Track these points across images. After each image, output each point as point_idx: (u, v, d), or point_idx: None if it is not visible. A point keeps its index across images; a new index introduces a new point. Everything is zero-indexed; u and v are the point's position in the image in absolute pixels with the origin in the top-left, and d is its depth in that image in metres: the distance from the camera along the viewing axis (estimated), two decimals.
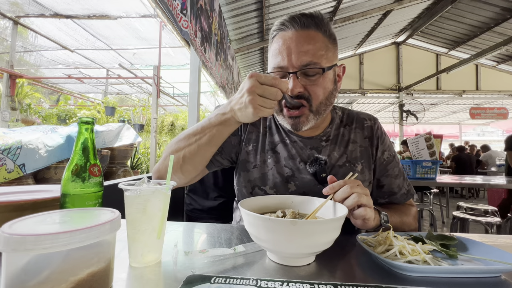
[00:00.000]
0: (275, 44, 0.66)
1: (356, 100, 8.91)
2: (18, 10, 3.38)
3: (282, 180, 0.71)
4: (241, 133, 0.79)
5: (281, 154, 0.74)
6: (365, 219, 0.54)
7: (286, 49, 0.63)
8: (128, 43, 4.40)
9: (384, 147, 0.78)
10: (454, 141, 13.54)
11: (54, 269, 0.28)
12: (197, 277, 0.39)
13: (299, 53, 0.62)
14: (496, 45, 4.65)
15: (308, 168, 0.69)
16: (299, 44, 0.62)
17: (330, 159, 0.72)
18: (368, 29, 6.38)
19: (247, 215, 0.45)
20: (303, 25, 0.63)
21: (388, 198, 0.78)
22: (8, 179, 1.34)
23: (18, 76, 3.38)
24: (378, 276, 0.42)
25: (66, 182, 0.46)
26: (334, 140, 0.76)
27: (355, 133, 0.77)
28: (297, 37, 0.63)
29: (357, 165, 0.73)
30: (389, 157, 0.77)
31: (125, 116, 4.44)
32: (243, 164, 0.76)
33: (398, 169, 0.78)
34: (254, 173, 0.74)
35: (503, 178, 2.77)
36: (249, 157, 0.76)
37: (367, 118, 0.81)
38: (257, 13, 4.27)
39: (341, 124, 0.79)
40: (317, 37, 0.63)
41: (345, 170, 0.71)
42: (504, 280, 0.41)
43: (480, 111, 7.59)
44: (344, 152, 0.74)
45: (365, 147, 0.76)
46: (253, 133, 0.79)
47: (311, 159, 0.69)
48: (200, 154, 0.65)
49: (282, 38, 0.65)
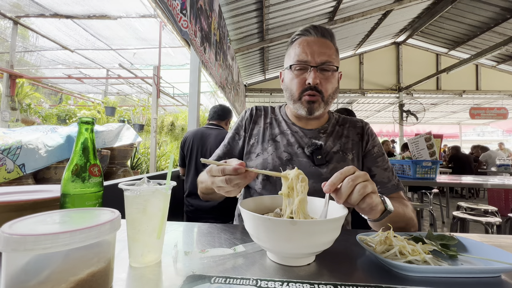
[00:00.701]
0: (299, 44, 0.81)
1: (356, 100, 8.90)
2: (18, 10, 3.38)
3: (281, 163, 0.82)
4: (245, 132, 0.92)
5: (281, 143, 0.87)
6: (372, 207, 0.52)
7: (309, 49, 0.79)
8: (128, 43, 4.41)
9: (374, 143, 0.90)
10: (454, 141, 13.56)
11: (54, 269, 0.28)
12: (197, 277, 0.39)
13: (320, 53, 0.78)
14: (496, 45, 4.64)
15: (306, 150, 0.83)
16: (320, 47, 0.79)
17: (326, 146, 0.85)
18: (368, 29, 6.38)
19: (247, 215, 0.45)
20: (322, 34, 0.81)
21: (379, 188, 0.82)
22: (8, 179, 1.34)
23: (18, 76, 3.38)
24: (378, 276, 0.42)
25: (66, 182, 0.46)
26: (330, 133, 0.89)
27: (348, 130, 0.91)
28: (318, 42, 0.80)
29: (348, 154, 0.86)
30: (378, 152, 0.88)
31: (125, 116, 4.44)
32: (247, 156, 0.88)
33: (387, 164, 0.87)
34: (256, 160, 0.85)
35: (503, 178, 2.77)
36: (252, 149, 0.88)
37: (359, 121, 0.95)
38: (257, 13, 4.27)
39: (337, 124, 0.93)
40: (331, 46, 0.81)
41: (338, 157, 0.84)
42: (504, 280, 0.41)
43: (480, 111, 7.57)
44: (339, 143, 0.87)
45: (356, 141, 0.89)
46: (255, 129, 0.92)
47: (308, 144, 0.84)
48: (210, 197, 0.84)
49: (306, 41, 0.81)
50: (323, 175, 0.81)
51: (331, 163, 0.82)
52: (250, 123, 0.93)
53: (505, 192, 4.15)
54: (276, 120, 0.93)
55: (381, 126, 13.18)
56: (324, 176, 0.81)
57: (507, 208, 4.00)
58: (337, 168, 0.82)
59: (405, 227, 0.68)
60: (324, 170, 0.81)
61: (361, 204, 0.50)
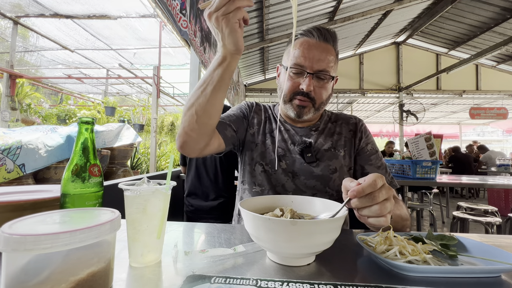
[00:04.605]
0: (300, 45, 0.79)
1: (356, 100, 8.89)
2: (19, 10, 3.38)
3: (277, 158, 0.83)
4: (248, 118, 0.92)
5: (276, 138, 0.87)
6: (378, 227, 0.49)
7: (309, 53, 0.77)
8: (128, 43, 4.40)
9: (368, 140, 0.90)
10: (453, 141, 13.55)
11: (54, 269, 0.28)
12: (197, 277, 0.39)
13: (318, 60, 0.77)
14: (496, 45, 4.64)
15: (296, 148, 0.84)
16: (320, 53, 0.77)
17: (317, 144, 0.86)
18: (368, 29, 6.38)
19: (247, 215, 0.45)
20: (325, 39, 0.78)
21: None
22: (8, 179, 1.34)
23: (18, 76, 3.38)
24: (378, 276, 0.42)
25: (66, 182, 0.46)
26: (322, 131, 0.90)
27: (341, 127, 0.92)
28: (320, 47, 0.78)
29: (340, 151, 0.86)
30: (372, 150, 0.88)
31: (125, 116, 4.44)
32: (248, 145, 0.89)
33: (381, 162, 0.87)
34: (256, 151, 0.87)
35: (503, 178, 2.77)
36: (253, 138, 0.89)
37: (353, 117, 0.95)
38: (257, 13, 4.27)
39: (330, 121, 0.94)
40: (332, 51, 0.79)
41: (330, 154, 0.84)
42: (504, 280, 0.41)
43: (480, 111, 7.56)
44: (330, 140, 0.87)
45: (349, 138, 0.89)
46: (256, 119, 0.93)
47: (299, 142, 0.85)
48: (209, 102, 0.66)
49: (307, 43, 0.78)
50: (314, 173, 0.82)
51: (322, 161, 0.83)
52: (251, 112, 0.94)
53: (505, 192, 4.16)
54: (273, 117, 0.95)
55: (381, 126, 13.17)
56: (315, 173, 0.82)
57: (507, 208, 4.00)
58: (329, 165, 0.83)
59: (401, 228, 0.68)
60: (315, 168, 0.82)
61: (371, 221, 0.47)
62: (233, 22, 0.55)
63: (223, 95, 0.68)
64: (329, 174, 0.82)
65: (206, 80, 0.65)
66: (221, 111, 0.71)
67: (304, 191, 0.82)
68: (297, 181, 0.83)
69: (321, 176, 0.82)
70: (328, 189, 0.83)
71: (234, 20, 0.55)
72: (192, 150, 0.70)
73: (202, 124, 0.67)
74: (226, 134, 0.80)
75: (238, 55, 0.62)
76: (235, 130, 0.84)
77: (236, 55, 0.62)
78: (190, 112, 0.66)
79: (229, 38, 0.57)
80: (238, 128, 0.86)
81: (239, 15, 0.55)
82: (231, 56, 0.62)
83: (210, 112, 0.67)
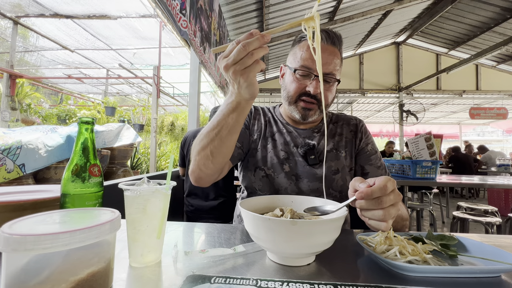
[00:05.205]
0: (308, 48, 0.78)
1: (356, 100, 8.89)
2: (19, 10, 3.38)
3: (278, 162, 0.84)
4: (249, 127, 0.92)
5: (278, 141, 0.88)
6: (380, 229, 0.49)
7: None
8: (128, 43, 4.41)
9: (368, 140, 0.90)
10: (453, 141, 13.55)
11: (54, 269, 0.28)
12: (197, 277, 0.39)
13: (326, 63, 0.77)
14: (496, 45, 4.64)
15: (299, 150, 0.84)
16: (328, 56, 0.77)
17: (319, 145, 0.86)
18: (368, 29, 6.38)
19: (247, 215, 0.45)
20: (332, 42, 0.78)
21: None
22: (8, 179, 1.34)
23: (18, 76, 3.38)
24: (378, 276, 0.42)
25: (66, 182, 0.46)
26: (324, 132, 0.89)
27: (341, 128, 0.92)
28: (327, 50, 0.78)
29: (342, 152, 0.87)
30: (372, 150, 0.89)
31: (125, 116, 4.44)
32: (250, 151, 0.89)
33: (380, 162, 0.88)
34: (257, 156, 0.87)
35: (503, 178, 2.77)
36: (254, 144, 0.89)
37: (353, 118, 0.96)
38: (257, 13, 4.27)
39: (331, 122, 0.95)
40: (338, 55, 0.80)
41: (332, 155, 0.86)
42: (504, 280, 0.41)
43: (480, 111, 7.56)
44: (332, 141, 0.88)
45: (349, 138, 0.90)
46: (256, 125, 0.93)
47: (302, 144, 0.85)
48: (225, 145, 0.67)
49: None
50: (317, 174, 0.82)
51: (325, 163, 0.83)
52: (250, 119, 0.93)
53: (505, 192, 4.16)
54: (273, 119, 0.95)
55: (381, 126, 13.17)
56: (318, 175, 0.82)
57: (507, 208, 4.00)
58: (331, 166, 0.84)
59: (401, 228, 0.68)
60: (318, 170, 0.82)
61: (371, 223, 0.47)
62: (252, 77, 0.53)
63: (237, 135, 0.68)
64: (331, 175, 0.83)
65: (220, 123, 0.64)
66: (234, 147, 0.72)
67: (307, 194, 0.81)
68: (300, 184, 0.83)
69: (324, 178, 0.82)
70: (332, 191, 0.83)
71: (253, 75, 0.52)
72: (207, 182, 0.75)
73: (218, 163, 0.70)
74: (233, 155, 0.80)
75: (252, 100, 0.60)
76: (241, 147, 0.85)
77: (251, 101, 0.61)
78: (204, 153, 0.67)
79: (245, 90, 0.55)
80: (243, 143, 0.86)
81: (258, 69, 0.52)
82: (246, 102, 0.60)
83: (226, 153, 0.68)
